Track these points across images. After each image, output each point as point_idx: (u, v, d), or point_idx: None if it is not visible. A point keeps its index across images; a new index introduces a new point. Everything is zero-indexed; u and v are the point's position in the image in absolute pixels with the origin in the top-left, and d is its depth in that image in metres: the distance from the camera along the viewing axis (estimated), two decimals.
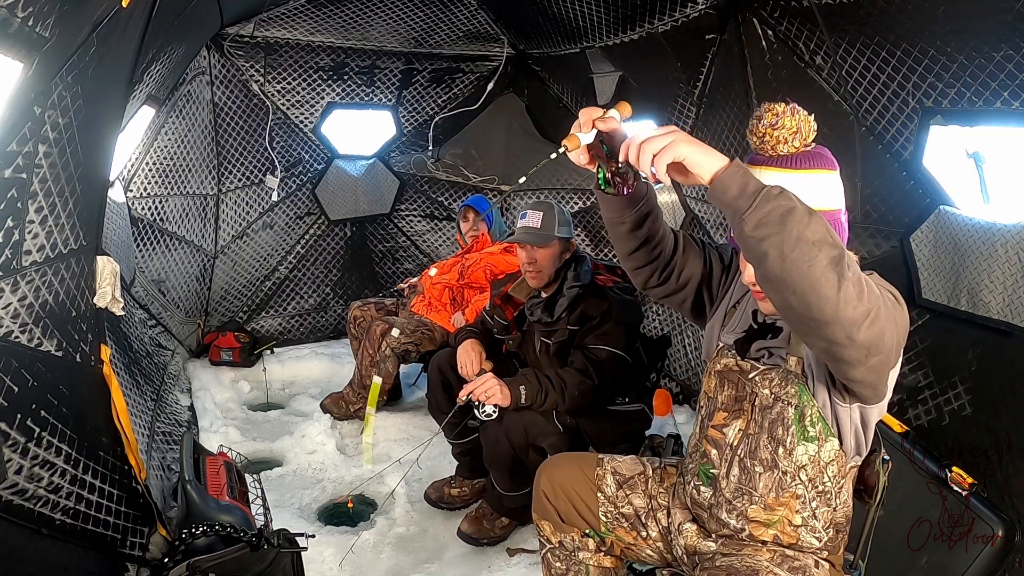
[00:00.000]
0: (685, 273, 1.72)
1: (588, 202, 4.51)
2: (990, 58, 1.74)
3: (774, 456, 1.53)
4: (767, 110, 1.41)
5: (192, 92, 4.00)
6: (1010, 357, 1.88)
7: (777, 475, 1.53)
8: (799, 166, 1.40)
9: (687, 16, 2.77)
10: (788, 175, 1.39)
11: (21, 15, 1.29)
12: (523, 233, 2.57)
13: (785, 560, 1.54)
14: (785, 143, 1.40)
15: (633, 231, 1.65)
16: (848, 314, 1.16)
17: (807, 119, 1.42)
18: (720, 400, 1.64)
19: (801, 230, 1.13)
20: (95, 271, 2.11)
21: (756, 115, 1.43)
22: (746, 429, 1.58)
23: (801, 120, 1.41)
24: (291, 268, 4.73)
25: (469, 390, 2.39)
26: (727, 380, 1.63)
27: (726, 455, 1.60)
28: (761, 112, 1.42)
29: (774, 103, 1.42)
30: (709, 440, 1.65)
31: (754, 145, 1.44)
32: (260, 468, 3.03)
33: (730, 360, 1.62)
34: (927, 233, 2.13)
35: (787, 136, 1.40)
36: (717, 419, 1.64)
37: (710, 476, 1.63)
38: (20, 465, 1.63)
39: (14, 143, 1.49)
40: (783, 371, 1.52)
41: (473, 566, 2.56)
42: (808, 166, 1.41)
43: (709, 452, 1.64)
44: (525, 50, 4.45)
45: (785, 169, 1.40)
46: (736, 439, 1.59)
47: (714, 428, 1.64)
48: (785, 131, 1.39)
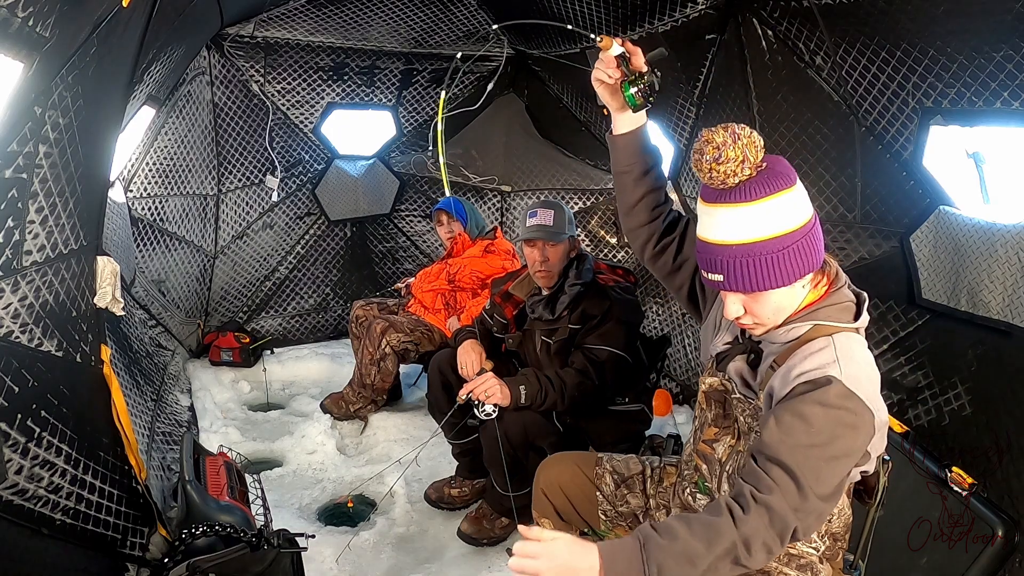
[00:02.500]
0: (682, 255, 1.69)
1: (588, 202, 4.51)
2: (990, 58, 1.74)
3: None
4: (706, 142, 1.31)
5: (192, 92, 4.00)
6: (1010, 357, 1.88)
7: None
8: (754, 197, 1.30)
9: (687, 16, 2.77)
10: (743, 209, 1.31)
11: (21, 15, 1.29)
12: (536, 230, 2.55)
13: (792, 559, 1.55)
14: (733, 175, 1.30)
15: (641, 178, 1.66)
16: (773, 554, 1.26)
17: (752, 142, 1.31)
18: (710, 417, 1.63)
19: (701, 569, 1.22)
20: (95, 271, 2.11)
21: (696, 147, 1.32)
22: (735, 445, 1.58)
23: (745, 145, 1.30)
24: (291, 268, 4.72)
25: (469, 389, 2.39)
26: (713, 399, 1.62)
27: (715, 470, 1.61)
28: (701, 144, 1.31)
29: (711, 130, 1.32)
30: (700, 454, 1.65)
31: (702, 178, 1.34)
32: (260, 468, 3.03)
33: (715, 380, 1.60)
34: (927, 233, 2.13)
35: (734, 168, 1.29)
36: (708, 434, 1.64)
37: (706, 489, 1.64)
38: (20, 465, 1.63)
39: (14, 143, 1.49)
40: (754, 407, 1.49)
41: (473, 566, 2.56)
42: (764, 193, 1.30)
43: (700, 467, 1.65)
44: (525, 50, 4.45)
45: (738, 204, 1.31)
46: (724, 455, 1.59)
47: (704, 443, 1.64)
48: (731, 163, 1.29)
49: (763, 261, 1.32)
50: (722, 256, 1.34)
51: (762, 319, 1.41)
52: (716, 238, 1.35)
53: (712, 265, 1.37)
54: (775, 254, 1.32)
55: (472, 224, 3.73)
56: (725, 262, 1.34)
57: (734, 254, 1.33)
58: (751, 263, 1.32)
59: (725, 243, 1.34)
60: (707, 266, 1.39)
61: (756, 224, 1.31)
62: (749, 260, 1.32)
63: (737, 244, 1.32)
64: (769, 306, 1.39)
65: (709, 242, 1.37)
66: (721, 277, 1.36)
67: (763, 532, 1.23)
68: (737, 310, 1.40)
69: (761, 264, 1.32)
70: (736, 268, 1.33)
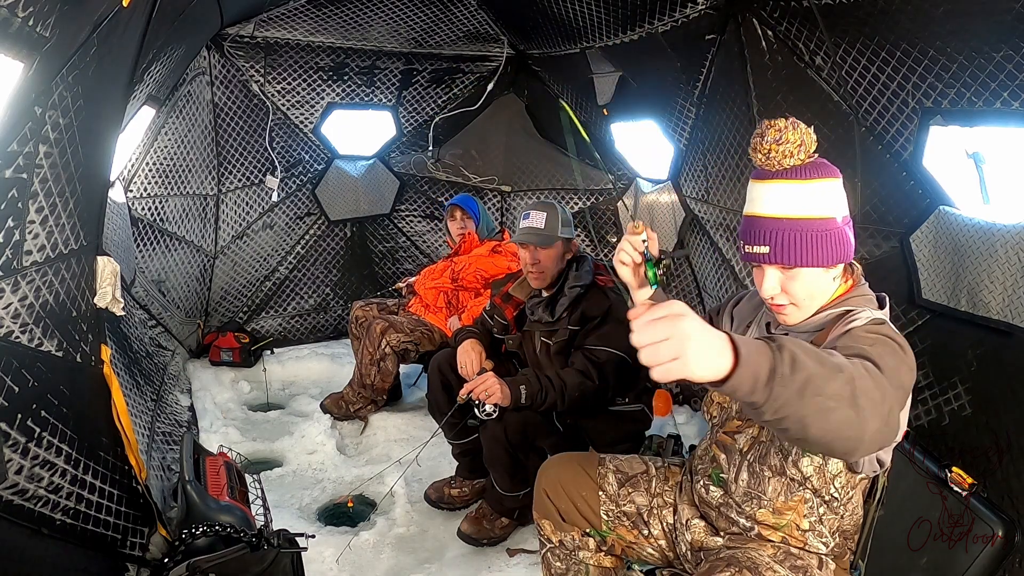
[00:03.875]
0: None
1: (588, 202, 4.51)
2: (990, 58, 1.74)
3: (783, 463, 1.55)
4: (769, 126, 1.43)
5: (192, 92, 4.00)
6: (1010, 357, 1.88)
7: (785, 481, 1.55)
8: (806, 176, 1.44)
9: (687, 16, 2.77)
10: (797, 186, 1.43)
11: (21, 15, 1.29)
12: (527, 234, 2.56)
13: (788, 557, 1.55)
14: (791, 156, 1.42)
15: None
16: (868, 436, 1.13)
17: (808, 132, 1.44)
18: (735, 408, 1.65)
19: (819, 398, 1.06)
20: (95, 271, 2.11)
21: (758, 132, 1.45)
22: (758, 436, 1.60)
23: (803, 133, 1.43)
24: (291, 268, 4.73)
25: (469, 388, 2.39)
26: None
27: (735, 459, 1.62)
28: (763, 129, 1.44)
29: (775, 119, 1.44)
30: (719, 444, 1.67)
31: (759, 161, 1.46)
32: (260, 468, 3.03)
33: None
34: (927, 233, 2.13)
35: (792, 150, 1.42)
36: (730, 426, 1.66)
37: (720, 480, 1.65)
38: (20, 465, 1.63)
39: (14, 143, 1.49)
40: None
41: (473, 566, 2.56)
42: (815, 176, 1.44)
43: (718, 456, 1.66)
44: (525, 50, 4.45)
45: (793, 180, 1.43)
46: (747, 445, 1.61)
47: (725, 434, 1.66)
48: (790, 145, 1.42)
49: (809, 237, 1.42)
50: (771, 228, 1.43)
51: (797, 299, 1.48)
52: (767, 211, 1.45)
53: (758, 237, 1.45)
54: (820, 233, 1.43)
55: (483, 225, 3.75)
56: (773, 234, 1.43)
57: (783, 227, 1.43)
58: (798, 237, 1.42)
59: (775, 216, 1.44)
60: (753, 239, 1.46)
61: (807, 202, 1.43)
62: (796, 234, 1.42)
63: (787, 218, 1.43)
64: (805, 287, 1.46)
65: (759, 216, 1.46)
66: (767, 249, 1.44)
67: (868, 384, 1.13)
68: (774, 287, 1.48)
69: (807, 240, 1.42)
70: (784, 240, 1.42)
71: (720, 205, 3.20)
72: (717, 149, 3.08)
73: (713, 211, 3.28)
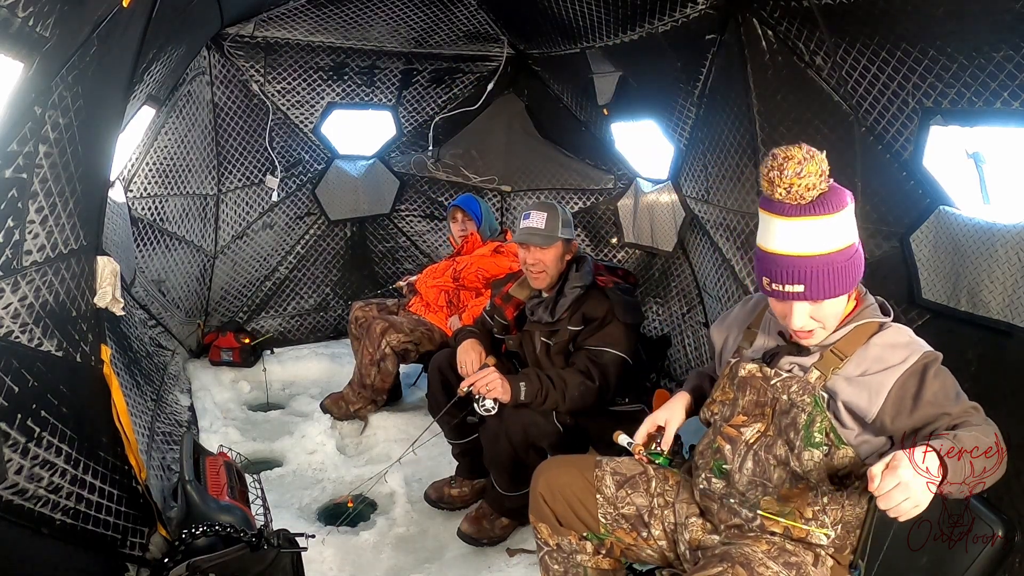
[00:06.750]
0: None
1: (588, 202, 4.51)
2: (990, 58, 1.74)
3: (788, 454, 1.56)
4: (786, 158, 1.39)
5: (192, 92, 4.00)
6: (1010, 357, 1.88)
7: (790, 470, 1.56)
8: (831, 210, 1.41)
9: (687, 16, 2.77)
10: (824, 221, 1.41)
11: (21, 15, 1.29)
12: (527, 234, 2.56)
13: (782, 554, 1.56)
14: (813, 188, 1.40)
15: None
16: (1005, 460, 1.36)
17: (821, 157, 1.41)
18: (741, 404, 1.66)
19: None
20: (95, 271, 2.11)
21: (775, 165, 1.40)
22: (764, 431, 1.61)
23: (820, 161, 1.40)
24: (291, 268, 4.72)
25: (470, 382, 2.39)
26: (749, 385, 1.65)
27: (740, 449, 1.63)
28: (780, 161, 1.39)
29: (786, 149, 1.40)
30: (724, 436, 1.67)
31: (779, 195, 1.41)
32: (260, 468, 3.03)
33: (754, 367, 1.65)
34: (927, 233, 2.13)
35: (815, 182, 1.39)
36: (736, 421, 1.66)
37: (723, 471, 1.65)
38: (20, 465, 1.63)
39: (14, 143, 1.49)
40: (803, 380, 1.55)
41: (473, 566, 2.56)
42: (834, 208, 1.41)
43: (723, 447, 1.66)
44: (525, 50, 4.45)
45: (820, 216, 1.41)
46: (753, 437, 1.62)
47: (731, 427, 1.67)
48: (813, 177, 1.38)
49: (838, 268, 1.43)
50: (804, 267, 1.42)
51: (825, 323, 1.51)
52: (799, 251, 1.43)
53: (791, 277, 1.44)
54: (846, 262, 1.45)
55: (486, 225, 3.75)
56: (807, 273, 1.42)
57: (816, 264, 1.42)
58: (829, 271, 1.43)
59: (810, 255, 1.42)
60: (786, 278, 1.44)
61: (834, 235, 1.42)
62: (828, 269, 1.43)
63: (820, 255, 1.42)
64: (832, 311, 1.50)
65: (790, 255, 1.44)
66: (802, 287, 1.44)
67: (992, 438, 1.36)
68: (807, 321, 1.50)
69: (837, 272, 1.43)
70: (817, 277, 1.42)
71: (720, 205, 3.20)
72: (717, 149, 3.08)
73: (713, 211, 3.28)
